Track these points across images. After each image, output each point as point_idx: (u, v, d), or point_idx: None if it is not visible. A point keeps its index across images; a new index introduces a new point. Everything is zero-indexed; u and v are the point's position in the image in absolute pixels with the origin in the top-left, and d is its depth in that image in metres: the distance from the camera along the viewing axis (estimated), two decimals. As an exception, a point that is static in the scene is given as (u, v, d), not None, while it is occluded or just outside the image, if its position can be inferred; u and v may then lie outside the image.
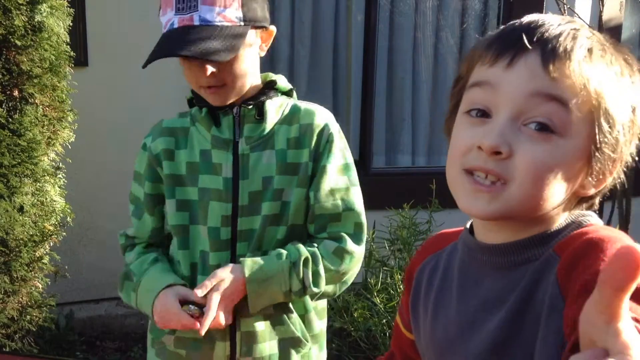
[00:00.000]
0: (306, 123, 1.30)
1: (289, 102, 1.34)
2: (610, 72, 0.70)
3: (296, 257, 1.25)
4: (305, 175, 1.29)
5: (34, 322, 2.43)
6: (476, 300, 0.77)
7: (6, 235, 2.23)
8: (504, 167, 0.68)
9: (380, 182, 3.70)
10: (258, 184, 1.27)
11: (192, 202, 1.30)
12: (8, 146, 2.20)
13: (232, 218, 1.27)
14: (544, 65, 0.68)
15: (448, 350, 0.81)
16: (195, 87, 1.25)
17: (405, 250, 2.74)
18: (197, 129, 1.32)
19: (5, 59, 2.23)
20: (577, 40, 0.69)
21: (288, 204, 1.28)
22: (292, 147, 1.29)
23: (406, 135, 3.90)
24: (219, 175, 1.27)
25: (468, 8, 3.89)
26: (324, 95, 3.78)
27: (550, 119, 0.67)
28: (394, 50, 3.83)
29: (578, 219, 0.74)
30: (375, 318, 2.53)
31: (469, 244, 0.81)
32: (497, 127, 0.69)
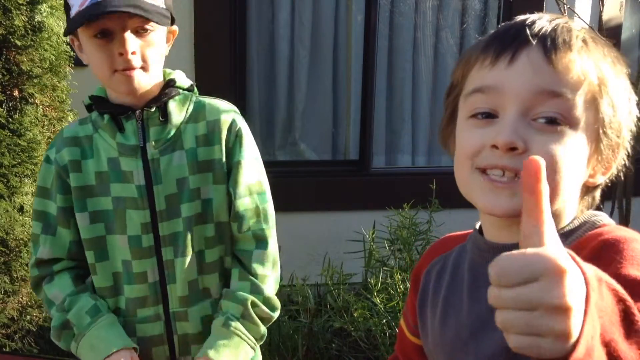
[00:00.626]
0: (213, 119, 1.29)
1: (192, 99, 1.31)
2: (606, 59, 0.72)
3: (240, 311, 1.26)
4: (222, 171, 1.28)
5: (34, 322, 2.43)
6: None
7: (6, 235, 2.23)
8: (520, 162, 0.68)
9: (380, 182, 3.70)
10: (173, 186, 1.25)
11: (106, 212, 1.27)
12: (8, 146, 2.20)
13: (153, 224, 1.26)
14: (547, 57, 0.69)
15: (460, 350, 0.80)
16: (108, 72, 1.19)
17: (405, 250, 2.74)
18: (101, 136, 1.28)
19: (5, 59, 2.23)
20: (572, 32, 0.71)
21: (209, 201, 1.28)
22: (202, 145, 1.27)
23: (406, 135, 3.90)
24: (131, 183, 1.25)
25: (468, 8, 3.89)
26: (324, 96, 3.78)
27: (559, 113, 0.68)
28: (394, 50, 3.83)
29: (591, 219, 0.75)
30: (375, 318, 2.53)
31: (479, 245, 0.81)
32: (508, 124, 0.69)
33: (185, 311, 1.29)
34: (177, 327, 1.30)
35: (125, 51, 1.17)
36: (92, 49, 1.20)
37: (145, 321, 1.29)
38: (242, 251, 1.31)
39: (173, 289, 1.28)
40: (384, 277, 2.69)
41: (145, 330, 1.30)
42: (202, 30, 3.25)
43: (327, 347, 2.78)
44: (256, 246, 1.30)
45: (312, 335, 2.72)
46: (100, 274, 1.29)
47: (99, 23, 1.16)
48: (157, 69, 1.26)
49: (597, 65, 0.71)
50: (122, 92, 1.24)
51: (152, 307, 1.29)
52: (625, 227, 2.29)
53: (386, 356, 2.49)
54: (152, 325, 1.29)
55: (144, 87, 1.23)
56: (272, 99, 3.70)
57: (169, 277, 1.28)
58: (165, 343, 1.30)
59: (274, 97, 3.71)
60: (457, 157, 0.77)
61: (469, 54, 0.77)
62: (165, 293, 1.29)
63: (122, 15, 1.15)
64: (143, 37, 1.20)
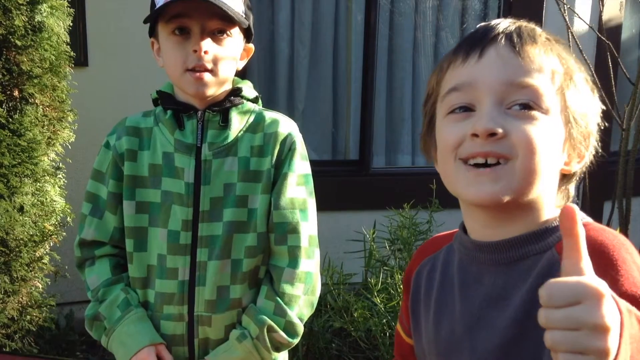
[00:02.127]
0: (270, 132, 1.31)
1: (255, 110, 1.34)
2: (570, 54, 0.78)
3: (256, 333, 1.26)
4: (269, 181, 1.29)
5: (34, 322, 2.43)
6: (479, 298, 0.79)
7: (6, 235, 2.23)
8: (502, 147, 0.72)
9: (380, 182, 3.70)
10: (219, 190, 1.27)
11: (152, 205, 1.29)
12: (8, 146, 2.20)
13: (193, 223, 1.27)
14: (514, 50, 0.74)
15: (455, 348, 0.81)
16: (179, 70, 1.23)
17: (406, 250, 2.74)
18: (161, 130, 1.31)
19: (6, 59, 2.23)
20: (535, 30, 0.77)
21: (254, 211, 1.29)
22: (255, 155, 1.29)
23: (406, 135, 3.91)
24: (181, 179, 1.27)
25: (468, 8, 3.89)
26: (324, 95, 3.78)
27: (531, 100, 0.73)
28: (394, 50, 3.83)
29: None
30: (375, 318, 2.53)
31: (465, 243, 0.83)
32: (485, 113, 0.73)
33: (210, 316, 1.28)
34: (200, 331, 1.29)
35: (199, 48, 1.19)
36: (169, 45, 1.24)
37: (169, 319, 1.29)
38: (274, 266, 1.31)
39: (201, 291, 1.27)
40: (384, 277, 2.69)
41: (168, 328, 1.29)
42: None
43: (327, 347, 2.78)
44: (288, 264, 1.30)
45: (312, 335, 2.72)
46: (135, 264, 1.31)
47: (179, 20, 1.20)
48: (226, 76, 1.27)
49: (561, 58, 0.76)
50: (189, 92, 1.26)
51: (178, 306, 1.28)
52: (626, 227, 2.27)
53: (386, 356, 2.49)
54: (174, 325, 1.29)
55: (211, 91, 1.26)
56: (272, 98, 3.70)
57: (200, 278, 1.27)
58: (185, 345, 1.30)
59: (274, 97, 3.71)
60: (440, 153, 0.80)
61: (441, 62, 0.82)
62: (192, 294, 1.28)
63: (202, 15, 1.19)
64: (219, 41, 1.23)
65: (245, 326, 1.28)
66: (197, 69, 1.21)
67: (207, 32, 1.21)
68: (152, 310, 1.31)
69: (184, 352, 1.30)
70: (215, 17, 1.20)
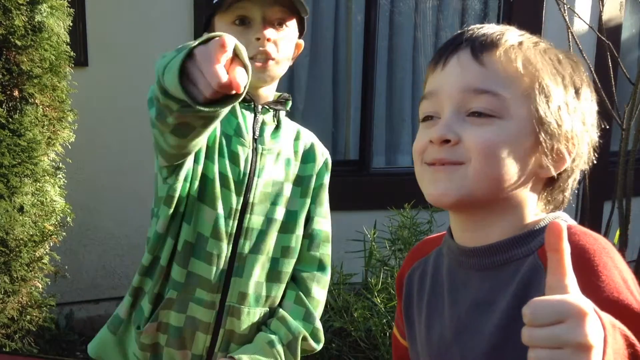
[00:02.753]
0: (310, 142, 1.38)
1: (290, 120, 1.39)
2: (544, 57, 0.76)
3: (288, 339, 1.28)
4: (308, 187, 1.34)
5: (34, 322, 2.43)
6: (467, 303, 0.79)
7: (6, 235, 2.22)
8: (455, 153, 0.74)
9: (380, 182, 3.70)
10: (269, 185, 1.28)
11: (207, 180, 1.23)
12: (8, 146, 2.19)
13: (241, 212, 1.26)
14: (473, 56, 0.74)
15: (446, 352, 0.82)
16: None
17: (406, 250, 2.74)
18: None
19: (6, 59, 2.23)
20: (504, 34, 0.76)
21: (294, 213, 1.32)
22: (299, 161, 1.35)
23: (406, 135, 3.91)
24: (237, 165, 1.26)
25: (468, 8, 3.89)
26: (324, 95, 3.78)
27: (486, 107, 0.73)
28: (394, 50, 3.83)
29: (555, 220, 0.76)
30: (375, 318, 2.53)
31: (452, 247, 0.83)
32: (442, 121, 0.76)
33: (240, 309, 1.27)
34: (227, 322, 1.27)
35: (263, 35, 1.20)
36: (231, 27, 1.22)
37: (200, 304, 1.25)
38: (305, 271, 1.34)
39: (237, 282, 1.26)
40: (384, 277, 2.68)
41: (197, 312, 1.26)
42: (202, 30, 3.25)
43: (327, 347, 2.78)
44: (318, 269, 1.35)
45: (312, 335, 2.72)
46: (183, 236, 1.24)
47: (239, 9, 1.20)
48: (284, 69, 1.29)
49: (529, 62, 0.74)
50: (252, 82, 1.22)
51: (211, 293, 1.25)
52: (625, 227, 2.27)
53: (386, 356, 2.49)
54: (204, 311, 1.26)
55: (273, 80, 1.27)
56: (272, 99, 3.70)
57: (237, 269, 1.26)
58: (209, 333, 1.27)
59: (274, 97, 3.71)
60: (413, 157, 0.84)
61: None
62: (227, 284, 1.26)
63: (264, 2, 1.19)
64: (280, 30, 1.24)
65: (276, 331, 1.28)
66: (259, 56, 1.21)
67: (268, 21, 1.21)
68: (179, 292, 1.25)
69: (205, 341, 1.27)
70: (277, 5, 1.21)
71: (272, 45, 1.22)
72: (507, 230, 0.77)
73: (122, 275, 3.35)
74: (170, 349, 1.27)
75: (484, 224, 0.78)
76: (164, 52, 1.41)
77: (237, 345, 1.28)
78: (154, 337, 1.27)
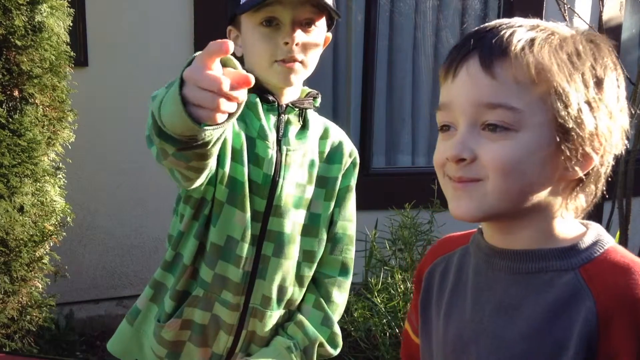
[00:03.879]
0: (338, 140, 1.34)
1: (320, 117, 1.36)
2: (559, 56, 0.71)
3: (305, 345, 1.28)
4: (333, 190, 1.31)
5: (34, 322, 2.43)
6: (491, 304, 0.78)
7: (6, 235, 2.22)
8: (472, 170, 0.73)
9: (380, 182, 3.70)
10: (292, 187, 1.26)
11: (236, 182, 1.21)
12: (8, 146, 2.19)
13: (265, 215, 1.25)
14: (483, 68, 0.71)
15: (462, 352, 0.81)
16: (268, 62, 1.18)
17: (407, 250, 2.74)
18: (247, 114, 1.24)
19: (6, 59, 2.23)
20: (514, 34, 0.72)
21: (318, 216, 1.29)
22: (324, 161, 1.31)
23: (406, 135, 3.90)
24: (260, 168, 1.24)
25: (468, 8, 3.89)
26: (324, 95, 3.76)
27: (502, 120, 0.70)
28: (394, 50, 3.83)
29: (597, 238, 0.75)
30: (375, 318, 2.53)
31: (482, 247, 0.82)
32: (457, 138, 0.74)
33: (264, 312, 1.27)
34: (250, 323, 1.27)
35: (292, 40, 1.16)
36: (256, 37, 1.19)
37: (225, 305, 1.26)
38: (326, 275, 1.33)
39: (261, 285, 1.26)
40: (384, 277, 2.68)
41: (221, 312, 1.26)
42: (202, 30, 3.25)
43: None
44: (340, 273, 1.34)
45: (312, 335, 2.72)
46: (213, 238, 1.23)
47: (267, 10, 1.16)
48: (312, 68, 1.26)
49: (543, 67, 0.70)
50: (278, 83, 1.22)
51: (236, 295, 1.25)
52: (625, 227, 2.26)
53: (386, 356, 2.49)
54: (228, 313, 1.26)
55: (298, 83, 1.25)
56: (272, 99, 3.70)
57: (261, 272, 1.25)
58: (232, 334, 1.27)
59: (274, 97, 3.71)
60: (434, 165, 0.82)
61: None
62: (251, 286, 1.26)
63: (293, 2, 1.15)
64: (308, 32, 1.20)
65: (293, 336, 1.28)
66: (287, 60, 1.18)
67: (296, 22, 1.17)
68: (205, 290, 1.25)
69: (227, 342, 1.27)
70: (307, 4, 1.16)
71: (300, 49, 1.18)
72: (536, 234, 0.75)
73: (122, 275, 3.35)
74: (191, 345, 1.28)
75: (512, 230, 0.77)
76: (164, 52, 1.41)
77: (257, 346, 1.29)
78: (176, 333, 1.27)
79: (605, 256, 0.73)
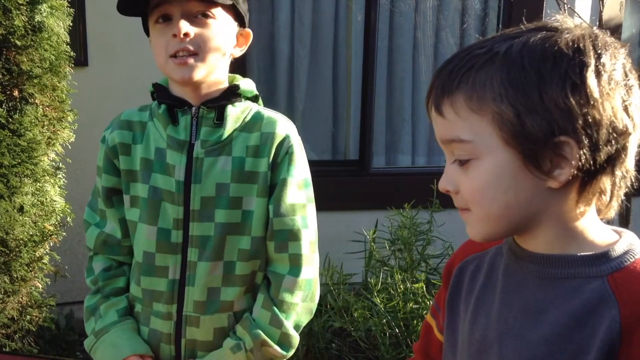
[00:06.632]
0: (267, 132, 1.26)
1: (253, 108, 1.30)
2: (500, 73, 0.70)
3: (251, 346, 1.24)
4: (265, 184, 1.25)
5: (34, 322, 2.43)
6: (517, 306, 0.79)
7: (6, 235, 2.22)
8: (460, 200, 0.78)
9: (380, 182, 3.70)
10: (211, 189, 1.23)
11: (141, 200, 1.27)
12: (8, 146, 2.19)
13: (185, 222, 1.24)
14: (435, 109, 0.76)
15: (485, 351, 0.81)
16: (163, 57, 1.21)
17: (406, 250, 2.74)
18: (155, 125, 1.28)
19: (5, 59, 2.23)
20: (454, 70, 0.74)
21: (250, 213, 1.25)
22: (251, 155, 1.25)
23: (406, 135, 3.90)
24: (171, 176, 1.24)
25: (468, 8, 3.89)
26: (324, 95, 3.78)
27: (459, 155, 0.75)
28: (394, 50, 3.83)
29: (630, 247, 0.74)
30: (375, 318, 2.53)
31: (513, 249, 0.83)
32: (445, 171, 0.79)
33: (198, 317, 1.26)
34: (187, 332, 1.27)
35: (178, 31, 1.16)
36: (154, 35, 1.22)
37: (158, 316, 1.29)
38: (274, 273, 1.28)
39: (191, 291, 1.26)
40: (384, 277, 2.68)
41: (156, 324, 1.29)
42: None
43: (327, 347, 2.78)
44: (289, 271, 1.27)
45: (312, 335, 2.72)
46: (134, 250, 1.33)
47: (160, 8, 1.19)
48: (216, 62, 1.23)
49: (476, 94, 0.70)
50: (176, 80, 1.23)
51: (166, 305, 1.27)
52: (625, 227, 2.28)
53: (386, 356, 2.49)
54: (162, 322, 1.28)
55: (198, 76, 1.21)
56: (272, 98, 3.70)
57: (190, 278, 1.25)
58: (172, 343, 1.29)
59: (274, 97, 3.71)
60: None
61: None
62: (182, 294, 1.27)
63: None
64: (203, 24, 1.20)
65: (240, 337, 1.26)
66: (181, 53, 1.18)
67: (188, 16, 1.18)
68: (142, 305, 1.31)
69: (171, 351, 1.29)
70: None
71: (192, 41, 1.18)
72: (556, 239, 0.75)
73: (122, 275, 3.35)
74: None
75: (530, 236, 0.78)
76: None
77: (204, 352, 1.28)
78: None
79: (636, 266, 0.72)
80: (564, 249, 0.75)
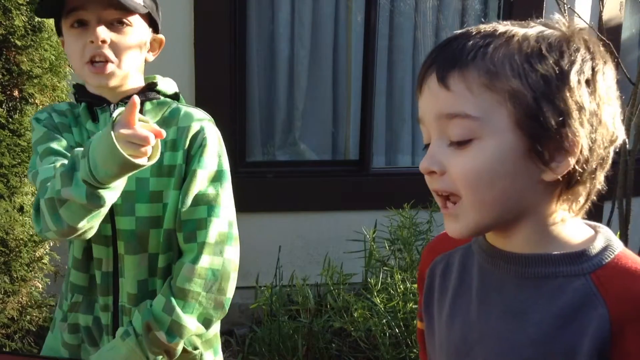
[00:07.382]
0: (183, 126, 1.28)
1: (172, 105, 1.32)
2: (514, 58, 0.70)
3: (140, 329, 1.22)
4: (180, 177, 1.27)
5: (34, 322, 2.43)
6: (499, 308, 0.78)
7: (6, 235, 2.23)
8: (445, 183, 0.74)
9: (380, 182, 3.70)
10: (131, 184, 1.23)
11: None
12: (8, 146, 2.20)
13: (111, 216, 1.26)
14: (439, 82, 0.72)
15: (465, 354, 0.80)
16: (79, 62, 1.22)
17: (406, 250, 2.74)
18: (80, 125, 1.32)
19: (5, 59, 2.23)
20: (467, 44, 0.72)
21: (167, 206, 1.27)
22: (169, 150, 1.26)
23: (406, 135, 3.90)
24: None
25: (468, 8, 3.89)
26: (324, 95, 3.78)
27: (460, 134, 0.71)
28: (394, 50, 3.83)
29: (607, 243, 0.74)
30: (375, 318, 2.53)
31: (486, 249, 0.82)
32: (429, 150, 0.75)
33: (131, 309, 1.29)
34: (124, 321, 1.30)
35: (96, 37, 1.19)
36: (69, 39, 1.24)
37: (99, 307, 1.32)
38: (178, 262, 1.27)
39: (123, 283, 1.30)
40: (384, 277, 2.69)
41: (99, 314, 1.33)
42: (202, 30, 3.25)
43: (327, 347, 2.78)
44: (189, 259, 1.24)
45: (312, 335, 2.72)
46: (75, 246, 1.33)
47: (76, 13, 1.20)
48: (131, 67, 1.26)
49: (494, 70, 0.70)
50: (92, 85, 1.27)
51: (103, 296, 1.31)
52: (625, 227, 2.26)
53: (386, 356, 2.49)
54: (102, 313, 1.32)
55: (114, 82, 1.24)
56: (272, 98, 3.70)
57: (121, 270, 1.29)
58: (110, 334, 1.31)
59: (274, 96, 3.71)
60: None
61: None
62: (117, 286, 1.30)
63: (97, 6, 1.19)
64: (119, 31, 1.23)
65: (133, 322, 1.25)
66: (97, 59, 1.21)
67: (105, 22, 1.21)
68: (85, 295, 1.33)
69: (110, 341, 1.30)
70: (111, 7, 1.20)
71: (109, 48, 1.21)
72: (535, 236, 0.75)
73: (122, 275, 3.35)
74: (86, 346, 1.35)
75: (509, 233, 0.76)
76: (164, 52, 1.41)
77: None
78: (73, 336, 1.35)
79: (617, 262, 0.72)
80: (541, 249, 0.75)
